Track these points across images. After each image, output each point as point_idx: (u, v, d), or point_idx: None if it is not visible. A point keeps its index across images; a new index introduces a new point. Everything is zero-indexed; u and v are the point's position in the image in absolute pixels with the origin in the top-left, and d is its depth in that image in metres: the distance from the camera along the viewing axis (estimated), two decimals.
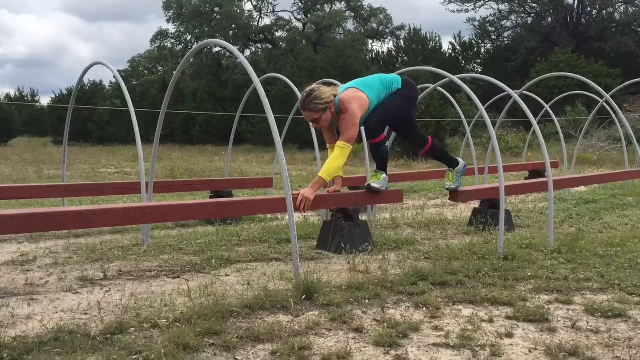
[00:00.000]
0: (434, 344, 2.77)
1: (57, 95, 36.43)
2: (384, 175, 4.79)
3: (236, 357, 2.60)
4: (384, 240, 5.22)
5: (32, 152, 21.73)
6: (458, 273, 3.98)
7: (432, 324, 3.05)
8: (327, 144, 4.66)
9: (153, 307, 3.26)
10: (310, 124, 4.55)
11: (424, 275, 3.92)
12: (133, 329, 2.84)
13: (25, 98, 45.36)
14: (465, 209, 7.68)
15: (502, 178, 4.91)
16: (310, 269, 3.96)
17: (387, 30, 41.21)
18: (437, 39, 36.35)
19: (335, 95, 4.38)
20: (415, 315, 3.18)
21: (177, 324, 2.90)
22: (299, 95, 7.02)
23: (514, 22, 37.22)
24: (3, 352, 2.50)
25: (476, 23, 37.43)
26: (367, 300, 3.39)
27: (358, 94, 4.39)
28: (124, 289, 3.71)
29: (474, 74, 7.57)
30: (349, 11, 40.17)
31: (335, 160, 4.30)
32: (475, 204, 6.57)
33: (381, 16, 40.74)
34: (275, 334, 2.84)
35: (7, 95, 48.52)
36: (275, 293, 3.43)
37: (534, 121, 5.54)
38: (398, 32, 40.25)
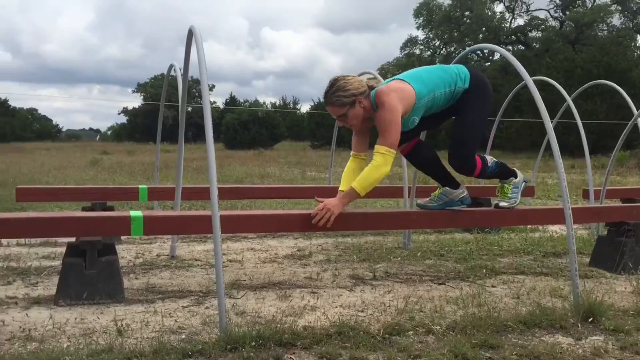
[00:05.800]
0: None
1: (315, 103, 39.77)
2: (512, 179, 3.85)
3: None
4: None
5: (294, 155, 23.98)
6: None
7: None
8: (352, 152, 3.64)
9: (424, 312, 3.29)
10: (338, 122, 3.71)
11: None
12: (411, 332, 2.90)
13: (288, 106, 50.42)
14: None
15: None
16: (587, 287, 3.64)
17: None
18: None
19: (372, 88, 3.48)
20: None
21: (451, 333, 2.88)
22: (567, 97, 6.57)
23: None
24: (297, 341, 2.74)
25: None
26: None
27: (401, 85, 3.43)
28: (393, 290, 3.82)
29: None
30: (615, 5, 36.42)
31: (375, 170, 3.30)
32: None
33: None
34: (558, 356, 2.65)
35: (273, 105, 54.56)
36: (552, 311, 3.21)
37: None
38: None
